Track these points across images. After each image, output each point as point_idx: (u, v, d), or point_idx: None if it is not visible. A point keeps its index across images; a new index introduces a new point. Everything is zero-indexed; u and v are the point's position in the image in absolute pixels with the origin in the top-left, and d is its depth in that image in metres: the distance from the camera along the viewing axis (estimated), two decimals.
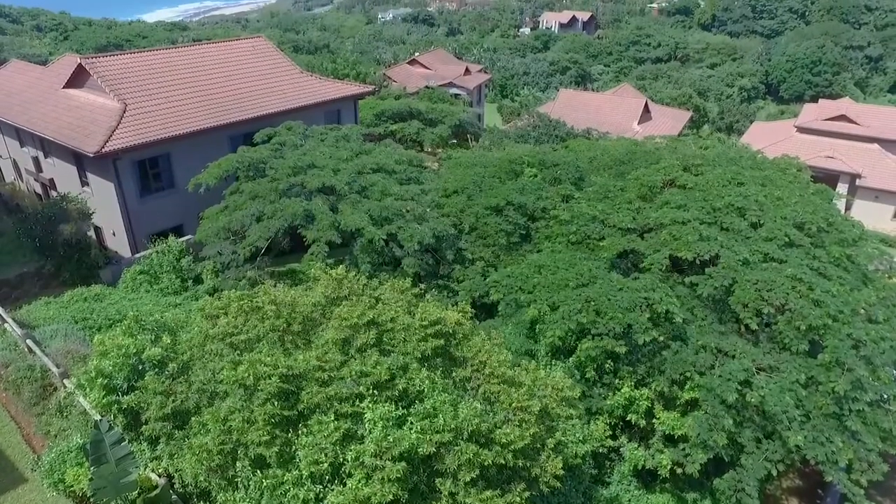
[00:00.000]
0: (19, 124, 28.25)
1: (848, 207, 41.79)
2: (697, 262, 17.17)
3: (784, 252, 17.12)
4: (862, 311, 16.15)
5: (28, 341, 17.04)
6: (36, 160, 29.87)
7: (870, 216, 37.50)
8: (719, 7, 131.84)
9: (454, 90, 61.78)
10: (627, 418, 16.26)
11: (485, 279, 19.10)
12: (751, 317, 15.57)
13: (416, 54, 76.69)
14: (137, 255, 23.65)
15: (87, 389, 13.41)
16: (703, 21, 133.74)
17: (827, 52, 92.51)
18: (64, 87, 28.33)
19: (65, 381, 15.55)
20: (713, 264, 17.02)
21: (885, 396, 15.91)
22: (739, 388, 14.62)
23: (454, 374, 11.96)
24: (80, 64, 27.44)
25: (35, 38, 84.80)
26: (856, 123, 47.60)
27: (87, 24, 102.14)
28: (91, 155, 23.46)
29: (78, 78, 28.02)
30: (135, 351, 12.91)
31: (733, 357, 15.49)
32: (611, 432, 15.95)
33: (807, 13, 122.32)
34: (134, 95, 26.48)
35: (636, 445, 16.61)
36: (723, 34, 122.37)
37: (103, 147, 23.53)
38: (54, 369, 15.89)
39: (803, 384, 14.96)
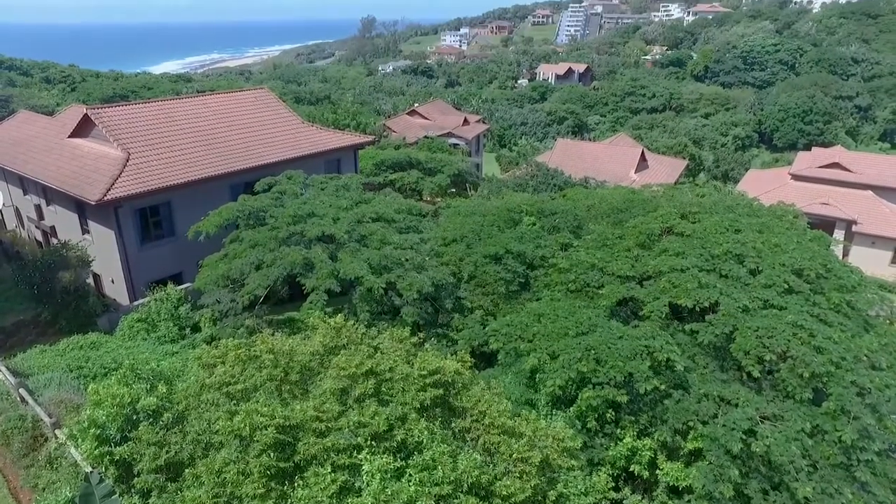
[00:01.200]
0: (24, 172, 28.59)
1: (845, 253, 41.96)
2: (697, 309, 17.11)
3: (784, 299, 17.09)
4: (865, 357, 16.01)
5: (21, 390, 16.80)
6: (38, 208, 30.10)
7: (867, 262, 37.62)
8: (711, 59, 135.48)
9: (453, 140, 62.74)
10: (630, 469, 15.90)
11: (484, 328, 18.97)
12: (752, 364, 15.42)
13: (416, 105, 78.24)
14: (136, 303, 23.56)
15: (79, 440, 13.14)
16: (696, 72, 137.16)
17: (817, 101, 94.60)
18: (69, 137, 28.80)
19: (56, 431, 15.26)
20: (713, 311, 16.97)
21: (894, 446, 15.62)
22: (744, 437, 14.36)
23: (453, 424, 11.77)
24: (85, 114, 27.96)
25: (44, 89, 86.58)
26: (849, 171, 48.33)
27: (95, 76, 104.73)
28: (93, 203, 23.67)
29: (83, 128, 28.51)
30: (129, 400, 12.70)
31: (736, 405, 15.27)
32: (613, 484, 15.55)
33: (796, 65, 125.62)
34: (137, 144, 26.89)
35: (640, 497, 16.18)
36: (715, 85, 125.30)
37: (105, 195, 23.75)
38: (46, 419, 15.62)
39: (809, 433, 14.70)
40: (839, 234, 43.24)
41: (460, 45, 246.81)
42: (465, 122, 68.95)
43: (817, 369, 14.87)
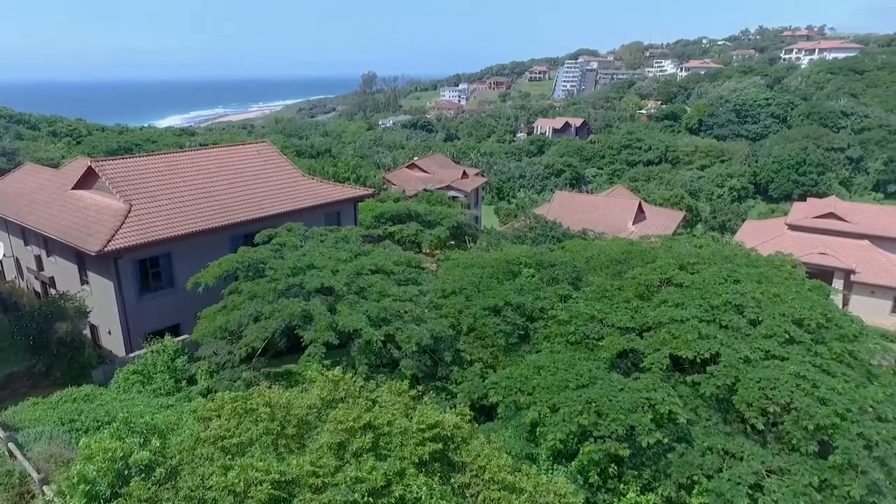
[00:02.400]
0: (25, 224, 28.81)
1: (845, 303, 41.92)
2: (698, 360, 16.99)
3: (785, 349, 16.99)
4: (870, 409, 15.80)
5: (10, 444, 16.46)
6: (38, 258, 30.19)
7: (868, 311, 37.52)
8: (705, 113, 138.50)
9: (452, 193, 63.44)
10: None
11: (483, 381, 18.75)
12: (756, 416, 15.21)
13: (415, 158, 79.38)
14: (132, 355, 23.36)
15: (68, 496, 12.79)
16: (690, 125, 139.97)
17: (810, 153, 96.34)
18: (72, 189, 29.14)
19: (44, 487, 14.87)
20: (714, 363, 16.84)
21: None
22: (750, 492, 14.05)
23: (453, 479, 11.52)
24: (89, 166, 28.38)
25: (50, 142, 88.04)
26: (844, 220, 48.75)
27: (101, 130, 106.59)
28: (93, 254, 23.76)
29: (86, 180, 28.88)
30: (121, 455, 12.43)
31: (741, 459, 14.99)
32: None
33: (788, 118, 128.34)
34: (139, 196, 27.19)
35: None
36: (710, 137, 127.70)
37: (105, 246, 23.87)
38: (34, 475, 15.24)
39: (817, 488, 14.38)
40: (838, 284, 43.26)
41: (459, 100, 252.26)
42: (464, 175, 69.87)
43: (822, 421, 14.65)
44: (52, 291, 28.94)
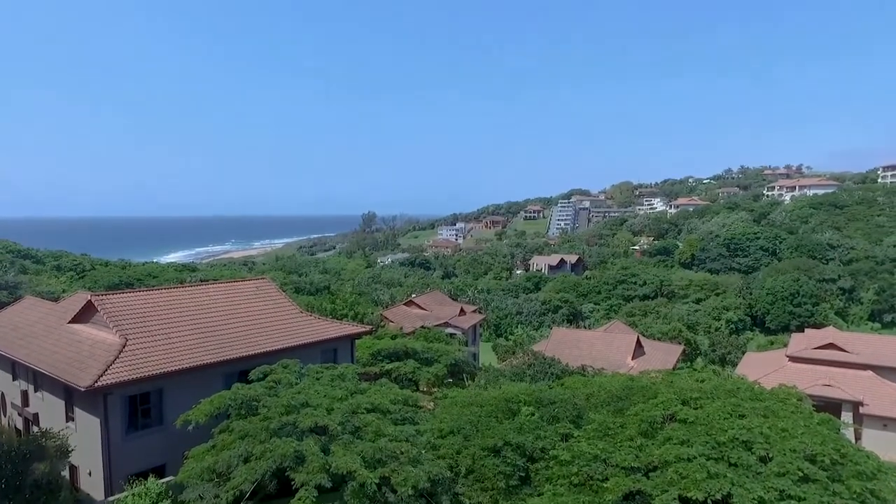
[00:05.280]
0: (17, 357, 28.45)
1: (857, 437, 40.43)
2: (709, 501, 16.13)
3: (801, 488, 16.22)
4: None
5: None
6: (24, 394, 29.51)
7: (882, 446, 36.19)
8: (697, 247, 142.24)
9: (450, 330, 63.26)
10: None
11: None
12: None
13: (413, 296, 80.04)
14: (111, 499, 22.08)
15: None
16: (683, 260, 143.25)
17: (803, 284, 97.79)
18: (69, 322, 29.17)
19: None
20: None
21: None
22: None
23: None
24: (88, 300, 28.58)
25: (53, 276, 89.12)
26: (845, 351, 48.34)
27: (104, 265, 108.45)
28: (82, 389, 23.25)
29: (85, 313, 28.98)
30: None
31: None
32: None
33: (777, 251, 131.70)
34: (135, 331, 27.12)
35: None
36: (703, 271, 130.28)
37: (96, 381, 23.43)
38: None
39: None
40: (847, 417, 42.04)
41: (456, 239, 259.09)
42: (462, 312, 70.10)
43: None
44: (35, 429, 27.93)
